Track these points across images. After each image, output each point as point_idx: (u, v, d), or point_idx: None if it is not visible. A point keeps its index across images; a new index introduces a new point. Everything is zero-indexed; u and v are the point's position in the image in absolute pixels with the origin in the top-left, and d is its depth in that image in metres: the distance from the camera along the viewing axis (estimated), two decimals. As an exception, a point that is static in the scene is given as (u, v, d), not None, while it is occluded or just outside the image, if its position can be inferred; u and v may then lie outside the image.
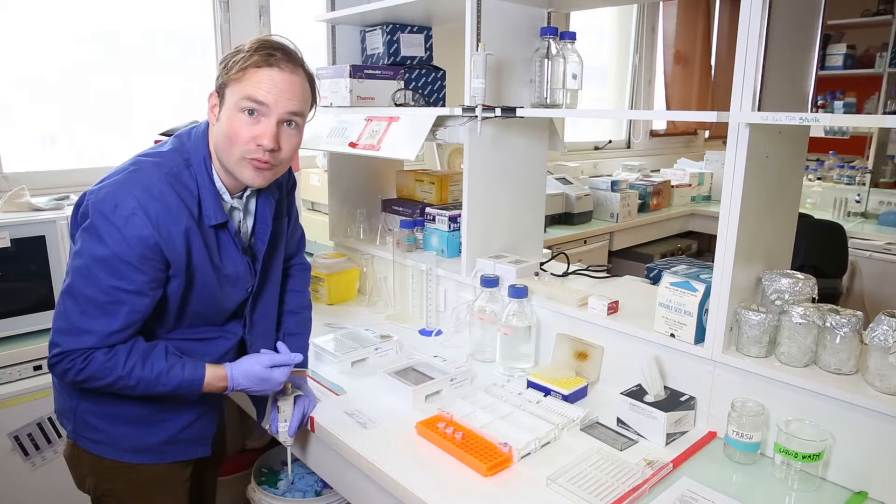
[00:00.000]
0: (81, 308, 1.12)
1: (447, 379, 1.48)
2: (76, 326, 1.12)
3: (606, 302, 1.48)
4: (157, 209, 1.12)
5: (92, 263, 1.11)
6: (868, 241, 3.20)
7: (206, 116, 1.24)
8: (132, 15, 2.47)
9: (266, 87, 1.15)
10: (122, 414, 1.26)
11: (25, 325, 1.80)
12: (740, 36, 1.15)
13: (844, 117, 1.18)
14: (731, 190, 1.21)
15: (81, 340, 1.12)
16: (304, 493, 1.88)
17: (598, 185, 3.45)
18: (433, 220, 1.97)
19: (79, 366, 1.13)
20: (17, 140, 2.28)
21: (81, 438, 1.29)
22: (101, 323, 1.12)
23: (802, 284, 1.26)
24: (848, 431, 1.13)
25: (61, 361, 1.13)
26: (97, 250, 1.11)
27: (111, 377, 1.14)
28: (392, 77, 1.94)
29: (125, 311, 1.13)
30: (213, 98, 1.21)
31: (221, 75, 1.18)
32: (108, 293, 1.12)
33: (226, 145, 1.18)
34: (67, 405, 1.29)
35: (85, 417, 1.27)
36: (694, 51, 4.68)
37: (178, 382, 1.19)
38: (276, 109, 1.16)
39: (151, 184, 1.14)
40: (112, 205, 1.10)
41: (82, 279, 1.12)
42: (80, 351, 1.12)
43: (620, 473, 1.15)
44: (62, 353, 1.13)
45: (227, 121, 1.17)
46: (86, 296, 1.12)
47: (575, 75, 1.61)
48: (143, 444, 1.29)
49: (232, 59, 1.17)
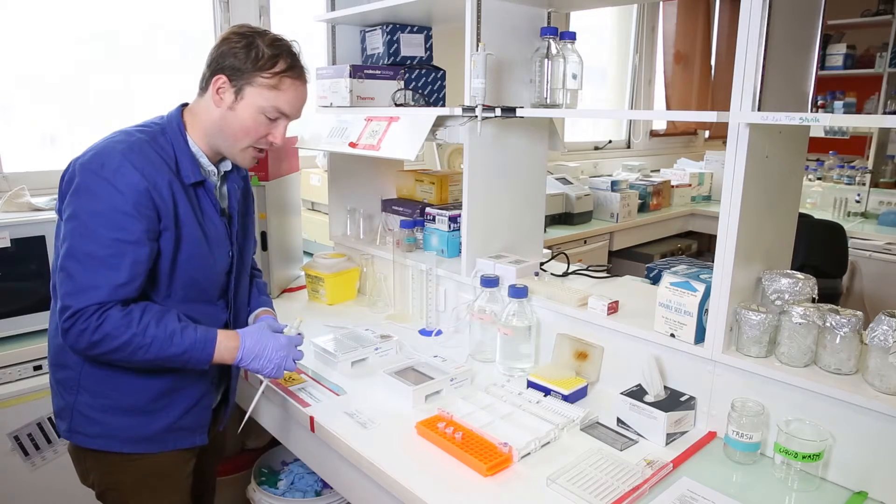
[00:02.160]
0: (85, 266, 1.13)
1: (447, 379, 1.48)
2: (83, 284, 1.13)
3: (606, 302, 1.48)
4: (142, 161, 1.17)
5: (89, 219, 1.14)
6: (868, 241, 3.20)
7: (212, 98, 1.25)
8: (132, 15, 2.47)
9: (294, 103, 1.28)
10: (120, 404, 1.27)
11: (25, 325, 1.79)
12: (740, 36, 1.15)
13: (844, 117, 1.18)
14: (731, 190, 1.21)
15: (91, 296, 1.13)
16: (304, 493, 1.88)
17: (598, 185, 3.46)
18: (433, 220, 1.97)
19: (94, 323, 1.13)
20: (17, 140, 2.28)
21: (77, 435, 1.29)
22: (106, 277, 1.14)
23: (802, 284, 1.26)
24: (848, 431, 1.13)
25: (76, 322, 1.13)
26: (92, 206, 1.14)
27: (126, 334, 1.14)
28: (392, 77, 1.94)
29: (128, 262, 1.15)
30: (225, 83, 1.24)
31: (244, 67, 1.22)
32: (109, 246, 1.14)
33: (237, 135, 1.26)
34: (65, 402, 1.29)
35: (83, 412, 1.27)
36: (694, 51, 4.68)
37: (192, 341, 1.20)
38: (292, 117, 1.31)
39: (132, 143, 1.20)
40: (99, 163, 1.15)
41: (81, 238, 1.14)
42: (93, 307, 1.13)
43: (620, 473, 1.15)
44: (75, 313, 1.12)
45: (245, 116, 1.25)
46: (87, 253, 1.13)
47: (575, 75, 1.61)
48: (143, 433, 1.29)
49: (256, 52, 1.22)
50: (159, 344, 1.17)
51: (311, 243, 2.67)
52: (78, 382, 1.26)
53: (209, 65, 1.26)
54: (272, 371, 1.31)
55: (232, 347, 1.26)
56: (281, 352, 1.31)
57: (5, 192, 1.94)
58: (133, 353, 1.16)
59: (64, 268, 1.15)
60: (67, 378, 1.28)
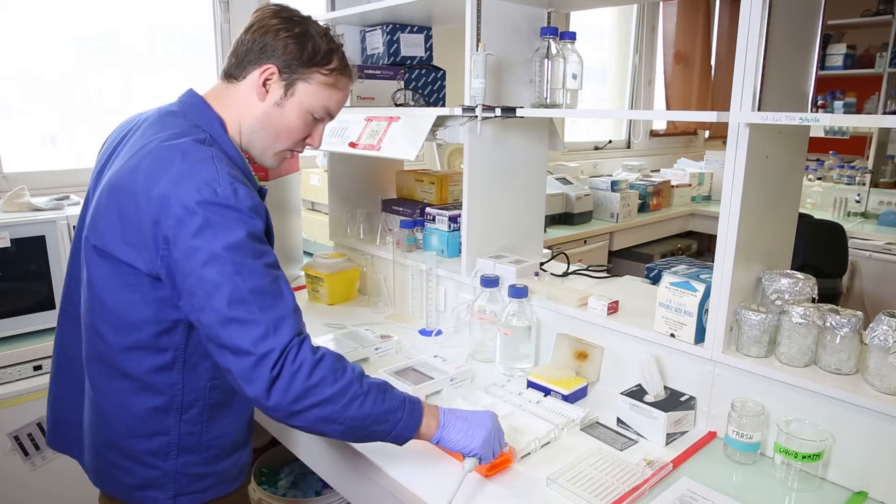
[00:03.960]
0: (259, 304, 0.96)
1: (447, 379, 1.48)
2: (270, 322, 0.96)
3: (606, 302, 1.48)
4: (240, 176, 1.02)
5: (235, 256, 0.96)
6: (868, 241, 3.20)
7: (255, 90, 1.11)
8: (132, 14, 2.47)
9: (342, 104, 1.18)
10: (226, 447, 1.15)
11: (25, 325, 1.80)
12: (740, 36, 1.15)
13: (844, 117, 1.18)
14: (731, 190, 1.21)
15: (285, 331, 0.96)
16: (304, 493, 1.88)
17: (598, 185, 3.46)
18: (433, 220, 1.97)
19: (311, 357, 0.97)
20: (17, 140, 2.28)
21: (184, 497, 1.11)
22: (282, 305, 0.98)
23: (802, 284, 1.26)
24: (848, 431, 1.13)
25: (284, 366, 0.95)
26: (230, 239, 0.96)
27: (343, 379, 0.99)
28: (392, 77, 1.94)
29: (284, 283, 1.01)
30: (275, 75, 1.10)
31: (303, 62, 1.09)
32: (266, 274, 0.98)
33: (280, 134, 1.14)
34: (161, 472, 1.09)
35: (189, 472, 1.11)
36: (694, 51, 4.68)
37: (402, 398, 1.06)
38: (334, 118, 1.20)
39: (216, 156, 1.01)
40: (212, 190, 0.96)
41: (239, 277, 0.95)
42: (296, 340, 0.97)
43: (620, 473, 1.15)
44: (282, 352, 0.95)
45: (293, 115, 1.12)
46: (253, 289, 0.96)
47: (575, 75, 1.61)
48: (242, 463, 1.20)
49: (311, 45, 1.09)
50: (374, 396, 1.01)
51: (311, 243, 2.67)
52: (178, 445, 1.09)
53: (250, 51, 1.09)
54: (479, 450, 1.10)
55: (434, 413, 1.11)
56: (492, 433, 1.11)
57: (5, 192, 1.94)
58: (347, 406, 0.98)
59: (234, 319, 0.95)
60: (162, 445, 1.09)
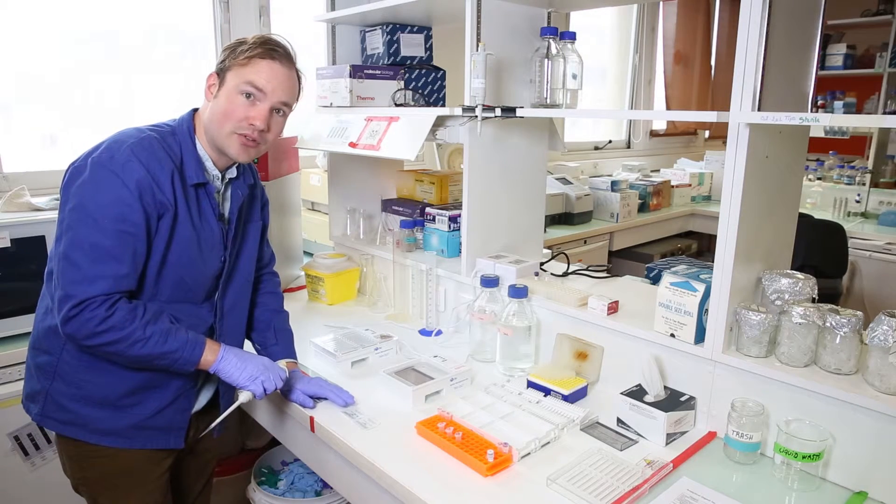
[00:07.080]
0: (90, 256, 1.16)
1: (447, 379, 1.48)
2: (89, 274, 1.15)
3: (606, 302, 1.48)
4: (147, 156, 1.22)
5: (95, 211, 1.17)
6: (868, 241, 3.20)
7: (206, 97, 1.34)
8: (132, 15, 2.47)
9: (266, 77, 1.29)
10: (92, 396, 1.29)
11: (26, 325, 1.79)
12: (740, 36, 1.15)
13: (844, 117, 1.18)
14: (731, 190, 1.21)
15: (97, 287, 1.15)
16: (304, 493, 1.88)
17: (598, 185, 3.45)
18: (433, 220, 1.97)
19: (102, 313, 1.15)
20: (17, 140, 2.28)
21: (48, 420, 1.31)
22: (111, 267, 1.17)
23: (802, 284, 1.26)
24: (848, 431, 1.13)
25: (82, 311, 1.15)
26: (99, 198, 1.17)
27: (129, 327, 1.18)
28: (392, 77, 1.94)
29: (130, 253, 1.19)
30: (213, 78, 1.33)
31: (227, 59, 1.30)
32: (113, 237, 1.17)
33: (220, 119, 1.29)
34: (40, 386, 1.31)
35: (56, 399, 1.29)
36: (694, 51, 4.68)
37: (183, 341, 1.24)
38: (271, 97, 1.30)
39: (142, 139, 1.24)
40: (108, 156, 1.19)
41: (87, 228, 1.16)
42: (101, 298, 1.16)
43: (620, 473, 1.15)
44: (82, 302, 1.14)
45: (225, 100, 1.29)
46: (93, 243, 1.16)
47: (575, 75, 1.61)
48: (112, 426, 1.30)
49: (238, 47, 1.30)
50: (155, 340, 1.21)
51: (311, 243, 2.67)
52: (55, 369, 1.28)
53: None
54: (247, 382, 1.31)
55: (215, 350, 1.29)
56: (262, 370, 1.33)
57: (5, 192, 1.94)
58: (129, 347, 1.19)
59: (67, 256, 1.16)
60: (46, 363, 1.30)
